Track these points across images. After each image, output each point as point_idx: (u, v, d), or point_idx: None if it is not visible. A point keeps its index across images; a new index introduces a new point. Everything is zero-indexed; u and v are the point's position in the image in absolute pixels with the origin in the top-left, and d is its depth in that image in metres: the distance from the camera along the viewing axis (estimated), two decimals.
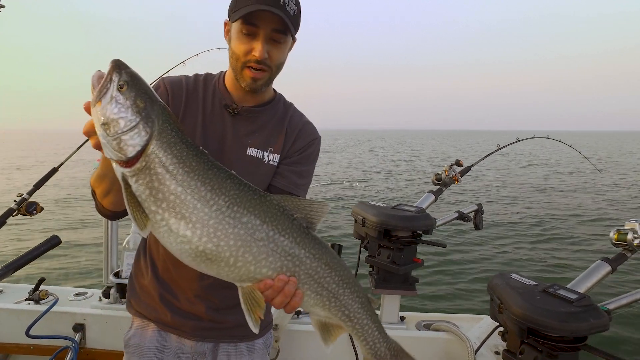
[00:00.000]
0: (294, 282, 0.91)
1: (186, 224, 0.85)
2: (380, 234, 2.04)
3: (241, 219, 0.87)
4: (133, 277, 1.38)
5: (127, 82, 0.83)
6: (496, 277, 1.72)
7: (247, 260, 0.88)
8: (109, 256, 2.29)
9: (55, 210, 10.23)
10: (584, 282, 1.79)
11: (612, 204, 11.49)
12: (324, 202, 0.96)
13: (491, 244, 7.43)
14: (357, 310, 1.00)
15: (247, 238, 0.87)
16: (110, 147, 0.84)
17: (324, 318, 1.01)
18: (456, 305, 5.01)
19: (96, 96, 0.83)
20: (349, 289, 0.99)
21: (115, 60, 0.85)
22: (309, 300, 0.96)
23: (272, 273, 0.90)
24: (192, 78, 1.30)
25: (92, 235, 7.86)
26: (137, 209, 0.85)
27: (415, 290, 2.10)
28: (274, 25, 1.12)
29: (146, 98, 0.85)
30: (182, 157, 0.86)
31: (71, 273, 5.98)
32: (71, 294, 2.32)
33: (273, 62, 1.17)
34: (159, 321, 1.30)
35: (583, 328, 1.35)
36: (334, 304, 0.98)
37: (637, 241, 1.80)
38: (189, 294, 1.27)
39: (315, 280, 0.95)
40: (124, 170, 0.85)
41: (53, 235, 2.08)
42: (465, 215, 2.60)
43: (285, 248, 0.90)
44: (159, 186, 0.84)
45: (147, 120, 0.84)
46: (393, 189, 14.13)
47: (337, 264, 0.98)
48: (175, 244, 0.87)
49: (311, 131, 1.36)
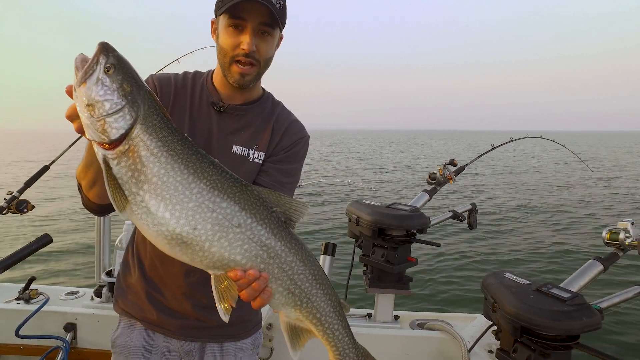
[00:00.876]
0: (265, 278, 0.90)
1: (165, 205, 0.85)
2: (375, 233, 2.04)
3: (220, 204, 0.87)
4: (120, 275, 1.37)
5: (114, 64, 0.83)
6: (490, 276, 1.72)
7: (222, 246, 0.88)
8: (101, 255, 2.27)
9: (47, 208, 10.13)
10: (577, 280, 1.80)
11: (605, 203, 11.60)
12: (304, 203, 0.96)
13: (485, 243, 7.47)
14: (328, 313, 0.98)
15: (224, 223, 0.87)
16: (94, 128, 0.83)
17: (294, 320, 1.00)
18: (450, 303, 5.03)
19: (81, 77, 0.82)
20: (322, 290, 0.97)
21: (102, 42, 0.84)
22: (280, 298, 0.95)
23: (246, 262, 0.89)
24: (180, 76, 1.30)
25: (84, 234, 7.80)
26: (117, 190, 0.85)
27: (409, 290, 2.10)
28: (261, 18, 1.12)
29: (133, 82, 0.85)
30: (166, 141, 0.86)
31: (62, 272, 5.92)
32: (62, 293, 2.30)
33: (261, 56, 1.17)
34: (145, 320, 1.29)
35: (576, 327, 1.36)
36: (305, 305, 0.96)
37: (628, 240, 1.82)
38: (175, 292, 1.27)
39: (288, 276, 0.93)
40: (105, 153, 0.85)
41: (44, 233, 2.05)
42: (459, 214, 2.61)
43: (261, 238, 0.90)
44: (142, 168, 0.85)
45: (132, 104, 0.84)
46: (388, 186, 14.17)
47: (312, 262, 0.97)
48: (152, 226, 0.86)
49: (298, 130, 1.35)
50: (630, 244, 1.81)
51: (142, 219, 0.87)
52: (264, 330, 2.00)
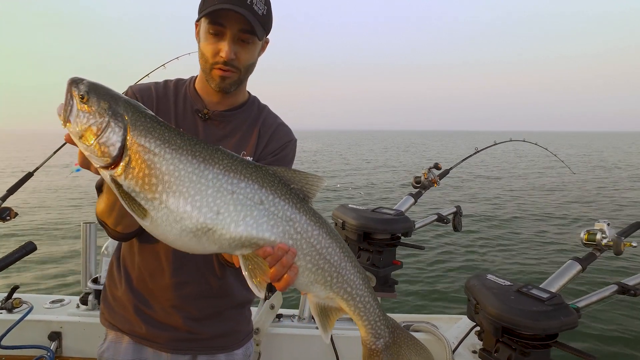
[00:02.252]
0: (294, 252, 0.89)
1: (185, 199, 0.84)
2: (360, 236, 2.07)
3: (239, 184, 0.87)
4: (106, 288, 1.34)
5: (86, 92, 0.85)
6: (473, 278, 1.76)
7: (249, 224, 0.86)
8: (87, 262, 2.25)
9: (31, 215, 9.93)
10: (557, 281, 1.85)
11: (585, 204, 11.86)
12: (320, 176, 0.94)
13: (469, 245, 7.57)
14: (359, 286, 0.96)
15: (246, 202, 0.87)
16: (95, 155, 0.85)
17: (324, 300, 0.96)
18: (435, 305, 5.09)
19: (65, 117, 0.85)
20: (350, 263, 0.95)
21: (70, 78, 0.87)
22: (309, 275, 0.92)
23: (275, 238, 0.88)
24: (161, 84, 1.29)
25: (69, 241, 7.67)
26: (134, 203, 0.85)
27: (394, 292, 2.13)
28: (241, 25, 1.10)
29: (108, 97, 0.87)
30: (164, 138, 0.86)
31: (47, 280, 5.81)
32: (47, 302, 2.27)
33: (241, 64, 1.16)
34: (134, 334, 1.26)
35: (553, 326, 1.40)
36: (336, 280, 0.93)
37: (605, 241, 1.88)
38: (165, 305, 1.24)
39: (317, 250, 0.91)
40: (111, 172, 0.85)
41: (28, 241, 2.03)
42: (444, 217, 2.65)
43: (286, 212, 0.89)
44: (150, 172, 0.84)
45: (115, 116, 0.86)
46: (375, 189, 14.25)
47: (337, 236, 0.95)
48: (174, 224, 0.85)
49: (285, 133, 1.33)
50: (607, 244, 1.87)
51: (164, 221, 0.85)
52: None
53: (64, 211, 10.64)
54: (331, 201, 11.48)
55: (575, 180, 16.47)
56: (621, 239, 1.88)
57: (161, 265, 1.23)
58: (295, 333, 2.08)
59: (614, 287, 1.85)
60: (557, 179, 17.42)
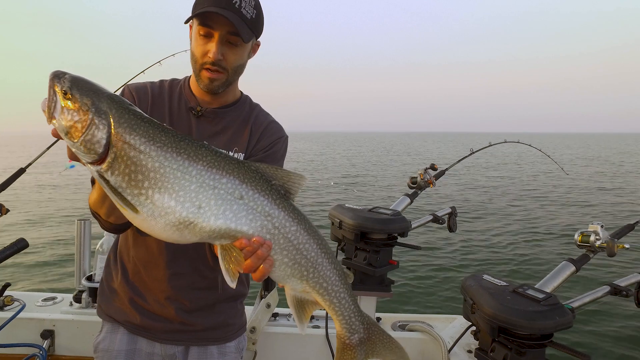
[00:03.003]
0: (269, 245, 0.92)
1: (170, 195, 0.87)
2: (357, 236, 2.07)
3: (220, 180, 0.90)
4: (103, 280, 1.38)
5: (69, 87, 0.85)
6: (469, 278, 1.77)
7: (228, 218, 0.89)
8: (81, 259, 2.23)
9: (23, 212, 9.82)
10: (551, 281, 1.87)
11: (579, 205, 11.96)
12: (301, 175, 0.97)
13: (465, 245, 7.61)
14: (335, 282, 0.99)
15: (227, 197, 0.89)
16: (81, 151, 0.85)
17: (300, 292, 1.00)
18: (431, 305, 5.11)
19: (49, 114, 0.85)
20: (327, 260, 0.98)
21: (52, 72, 0.86)
22: (286, 269, 0.95)
23: (253, 232, 0.91)
24: (157, 84, 1.33)
25: (62, 239, 7.60)
26: (124, 198, 0.87)
27: (390, 292, 2.14)
28: (229, 28, 1.13)
29: (90, 93, 0.87)
30: (149, 135, 0.88)
31: (40, 277, 5.75)
32: (39, 300, 2.25)
33: (229, 65, 1.19)
34: (128, 324, 1.29)
35: (549, 326, 1.42)
36: (312, 275, 0.97)
37: (598, 243, 1.90)
38: (159, 296, 1.27)
39: (294, 245, 0.94)
40: (98, 168, 0.86)
41: (20, 238, 2.00)
42: (439, 217, 2.66)
43: (265, 208, 0.92)
44: (136, 168, 0.86)
45: (99, 113, 0.86)
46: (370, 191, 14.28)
47: (316, 232, 0.98)
48: (160, 219, 0.88)
49: (276, 130, 1.37)
50: (600, 245, 1.89)
51: (150, 215, 0.88)
52: (248, 334, 2.00)
53: (57, 208, 10.54)
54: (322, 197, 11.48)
55: (569, 182, 16.62)
56: (614, 240, 1.90)
57: (155, 258, 1.26)
58: (291, 332, 2.08)
59: (606, 288, 1.87)
60: (552, 180, 17.56)
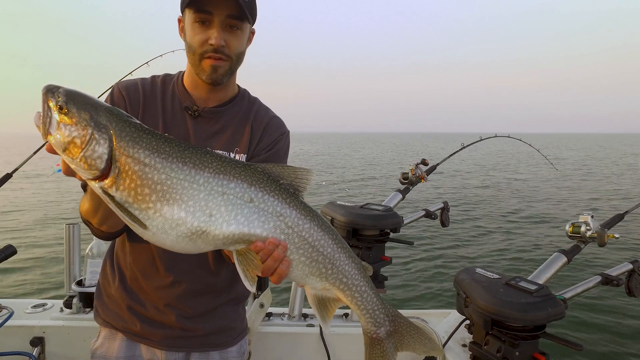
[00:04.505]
0: (284, 245, 0.91)
1: (179, 206, 0.86)
2: (349, 233, 2.07)
3: (229, 185, 0.89)
4: (100, 285, 1.33)
5: (65, 102, 0.82)
6: (462, 272, 1.77)
7: (240, 222, 0.89)
8: (71, 264, 2.19)
9: (10, 218, 9.66)
10: (544, 273, 1.88)
11: (569, 198, 12.12)
12: (308, 169, 0.96)
13: (457, 240, 7.67)
14: (355, 276, 0.97)
15: (237, 202, 0.89)
16: (81, 168, 0.83)
17: (321, 291, 0.98)
18: (425, 300, 5.14)
19: (44, 130, 0.82)
20: (344, 254, 0.96)
21: (45, 86, 0.83)
22: (304, 268, 0.94)
23: (267, 234, 0.90)
24: (148, 80, 1.25)
25: (51, 244, 7.49)
26: (131, 215, 0.85)
27: (384, 288, 2.14)
28: (228, 10, 1.09)
29: (88, 107, 0.84)
30: (153, 147, 0.86)
31: (28, 284, 5.66)
32: (28, 306, 2.21)
33: (232, 51, 1.14)
34: (128, 331, 1.25)
35: (541, 317, 1.42)
36: (331, 271, 0.95)
37: (589, 233, 1.92)
38: (158, 304, 1.23)
39: (309, 243, 0.93)
40: (101, 184, 0.84)
41: (8, 244, 1.97)
42: (431, 213, 2.67)
43: (276, 208, 0.91)
44: (143, 182, 0.84)
45: (98, 127, 0.83)
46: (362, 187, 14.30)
47: (329, 227, 0.96)
48: (170, 231, 0.86)
49: (278, 125, 1.31)
50: (591, 236, 1.91)
51: (160, 229, 0.86)
52: None
53: (45, 213, 10.38)
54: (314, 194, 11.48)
55: (559, 176, 16.82)
56: (605, 230, 1.92)
57: (154, 265, 1.22)
58: (285, 331, 2.07)
59: (598, 277, 1.89)
60: (544, 174, 17.75)
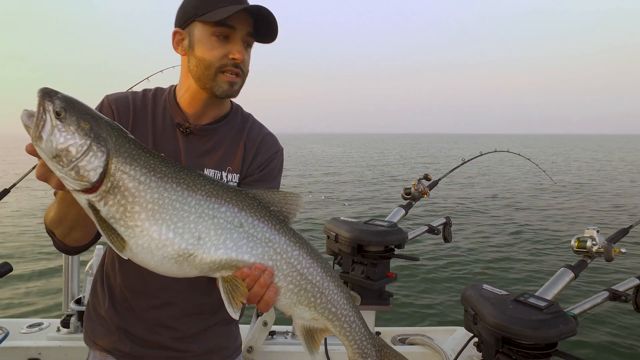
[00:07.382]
0: (271, 271, 0.89)
1: (167, 226, 0.84)
2: (354, 249, 2.04)
3: (220, 209, 0.88)
4: (90, 306, 1.29)
5: (63, 107, 0.80)
6: (469, 288, 1.74)
7: (228, 247, 0.88)
8: (69, 282, 2.16)
9: (6, 234, 9.57)
10: (551, 289, 1.85)
11: (573, 212, 12.10)
12: (297, 194, 0.96)
13: (461, 255, 7.60)
14: (343, 306, 0.96)
15: (226, 226, 0.88)
16: (70, 177, 0.80)
17: (309, 321, 0.96)
18: (430, 316, 5.06)
19: (35, 132, 0.78)
20: (333, 283, 0.95)
21: (41, 89, 0.80)
22: (292, 296, 0.92)
23: (255, 260, 0.89)
24: (140, 94, 1.22)
25: (48, 261, 7.39)
26: (112, 232, 0.82)
27: (389, 305, 2.10)
28: (250, 28, 1.10)
29: (89, 118, 0.82)
30: (150, 165, 0.85)
31: (24, 303, 5.56)
32: (24, 326, 2.16)
33: (246, 67, 1.14)
34: (118, 352, 1.21)
35: (554, 334, 1.39)
36: (319, 300, 0.93)
37: (595, 248, 1.90)
38: (149, 324, 1.19)
39: (298, 271, 0.92)
40: (89, 197, 0.81)
41: (3, 261, 1.93)
42: (434, 228, 2.65)
43: (265, 234, 0.90)
44: (134, 199, 0.83)
45: (98, 139, 0.81)
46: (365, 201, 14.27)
47: (318, 255, 0.95)
48: (156, 251, 0.84)
49: (272, 143, 1.29)
50: (597, 250, 1.89)
51: (145, 248, 0.84)
52: (245, 354, 1.95)
53: (42, 229, 10.29)
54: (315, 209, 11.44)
55: (562, 188, 16.82)
56: (611, 245, 1.90)
57: (144, 286, 1.18)
58: (289, 350, 2.02)
59: (605, 293, 1.86)
60: (545, 187, 17.76)
